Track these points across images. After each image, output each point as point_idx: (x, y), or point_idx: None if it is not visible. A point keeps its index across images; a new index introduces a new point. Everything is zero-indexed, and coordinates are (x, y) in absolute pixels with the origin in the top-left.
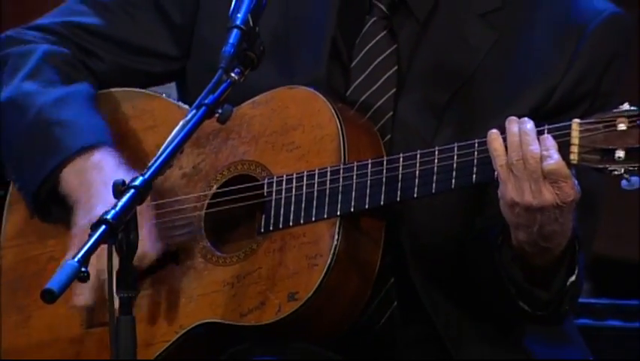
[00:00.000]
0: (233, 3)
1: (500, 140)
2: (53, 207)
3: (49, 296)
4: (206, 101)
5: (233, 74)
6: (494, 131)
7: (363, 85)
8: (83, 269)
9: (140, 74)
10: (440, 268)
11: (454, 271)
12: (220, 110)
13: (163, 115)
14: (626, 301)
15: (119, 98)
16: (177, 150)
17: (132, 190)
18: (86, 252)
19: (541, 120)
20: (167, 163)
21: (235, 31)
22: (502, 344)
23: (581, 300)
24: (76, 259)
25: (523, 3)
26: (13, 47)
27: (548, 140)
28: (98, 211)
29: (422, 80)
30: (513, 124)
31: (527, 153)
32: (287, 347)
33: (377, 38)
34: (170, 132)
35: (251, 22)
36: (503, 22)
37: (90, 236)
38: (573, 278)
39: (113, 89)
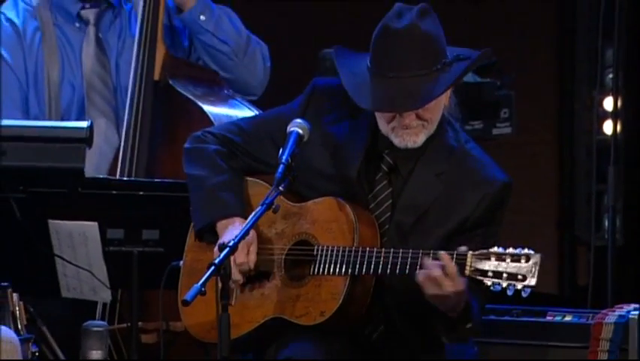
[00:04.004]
0: (281, 149)
1: (423, 273)
2: (205, 235)
3: (185, 303)
4: (266, 201)
5: (281, 188)
6: (424, 267)
7: (373, 209)
8: (202, 289)
9: (254, 171)
10: (405, 307)
11: (413, 310)
12: (274, 207)
13: (263, 192)
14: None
15: (249, 183)
16: (251, 227)
17: (228, 248)
18: (205, 280)
19: (462, 233)
20: (246, 233)
21: (282, 165)
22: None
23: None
24: (199, 284)
25: (456, 170)
26: (199, 143)
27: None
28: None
29: (403, 209)
30: (429, 261)
31: (435, 274)
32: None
33: (381, 185)
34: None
35: (290, 160)
36: (446, 180)
37: (206, 272)
38: (469, 325)
39: (247, 180)
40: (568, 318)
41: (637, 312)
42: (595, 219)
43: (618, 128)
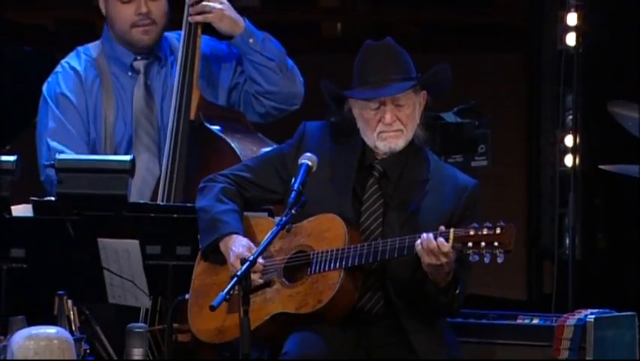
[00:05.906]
0: (293, 178)
1: (419, 242)
2: (210, 255)
3: (212, 308)
4: (281, 223)
5: (293, 210)
6: (419, 240)
7: (367, 215)
8: (226, 296)
9: (262, 200)
10: (403, 288)
11: (410, 290)
12: (287, 227)
13: (266, 225)
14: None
15: (250, 218)
16: (267, 246)
17: (248, 262)
18: (229, 289)
19: (449, 225)
20: (263, 251)
21: (294, 192)
22: (432, 329)
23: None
24: (224, 292)
25: (437, 178)
26: (209, 182)
27: (438, 239)
28: (232, 261)
29: (395, 207)
30: (424, 235)
31: (430, 245)
32: None
33: (373, 188)
34: (267, 233)
35: (301, 188)
36: (431, 185)
37: (229, 283)
38: (457, 291)
39: (249, 215)
40: (535, 321)
41: (593, 316)
42: (558, 238)
43: (577, 161)
